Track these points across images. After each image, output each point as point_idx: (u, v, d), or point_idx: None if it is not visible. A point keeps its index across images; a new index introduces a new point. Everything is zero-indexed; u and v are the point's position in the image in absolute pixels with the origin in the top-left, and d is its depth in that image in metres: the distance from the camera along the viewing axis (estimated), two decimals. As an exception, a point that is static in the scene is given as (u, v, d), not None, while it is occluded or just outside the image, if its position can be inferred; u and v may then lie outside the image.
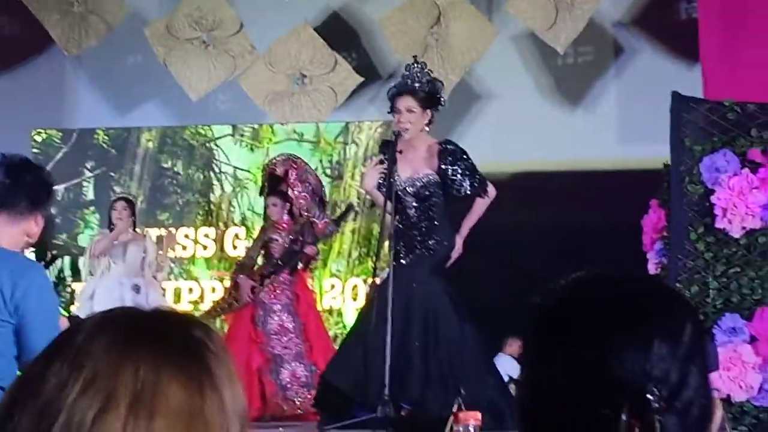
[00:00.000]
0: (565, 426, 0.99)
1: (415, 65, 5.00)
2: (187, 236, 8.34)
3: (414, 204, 4.95)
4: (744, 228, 4.88)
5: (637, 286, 1.07)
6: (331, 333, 7.08)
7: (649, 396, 0.95)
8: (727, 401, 4.69)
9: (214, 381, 0.83)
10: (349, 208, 6.20)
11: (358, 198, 8.04)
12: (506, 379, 5.18)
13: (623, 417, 0.95)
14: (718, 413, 1.03)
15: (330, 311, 7.80)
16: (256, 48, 8.00)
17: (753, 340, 4.79)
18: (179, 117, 8.65)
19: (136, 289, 6.93)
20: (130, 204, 7.28)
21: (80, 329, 0.84)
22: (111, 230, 7.15)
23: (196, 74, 8.02)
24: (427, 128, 4.98)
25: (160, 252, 7.39)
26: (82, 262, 7.79)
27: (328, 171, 8.21)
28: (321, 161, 8.16)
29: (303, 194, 6.41)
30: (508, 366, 6.42)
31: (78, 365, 0.80)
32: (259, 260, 6.50)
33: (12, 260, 2.67)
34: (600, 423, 0.96)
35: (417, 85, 4.91)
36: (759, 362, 4.75)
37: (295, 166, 6.51)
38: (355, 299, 7.95)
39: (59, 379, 0.80)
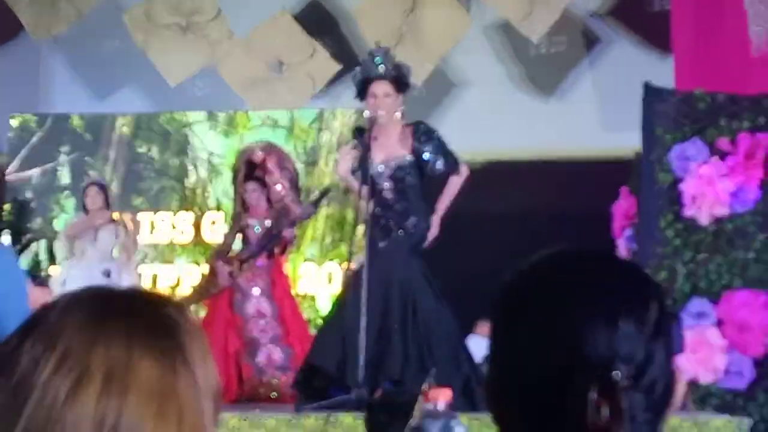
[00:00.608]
0: (533, 405, 1.00)
1: (379, 50, 4.99)
2: (164, 221, 8.37)
3: (390, 186, 4.97)
4: (712, 215, 4.99)
5: (602, 263, 1.07)
6: (305, 317, 7.12)
7: (615, 374, 0.96)
8: (694, 383, 4.80)
9: (187, 358, 0.83)
10: (327, 191, 6.22)
11: (332, 184, 8.09)
12: (477, 360, 5.26)
13: (591, 395, 0.95)
14: (680, 388, 1.08)
15: (304, 296, 7.86)
16: (234, 34, 8.01)
17: (719, 323, 4.91)
18: (156, 103, 8.63)
19: (106, 273, 6.81)
20: (103, 188, 7.25)
21: (53, 307, 0.84)
22: (84, 215, 7.08)
23: (173, 60, 8.02)
24: (399, 112, 5.00)
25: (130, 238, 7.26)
26: (58, 246, 7.77)
27: (303, 157, 8.24)
28: (295, 147, 8.19)
29: (281, 181, 6.45)
30: (478, 346, 6.54)
31: (51, 343, 0.80)
32: (236, 246, 6.53)
33: None
34: (567, 401, 0.96)
35: (384, 70, 4.90)
36: (725, 345, 4.87)
37: (275, 153, 6.54)
38: (329, 283, 8.01)
39: (32, 356, 0.80)
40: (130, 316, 0.83)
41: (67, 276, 6.91)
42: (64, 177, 8.58)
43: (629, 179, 5.52)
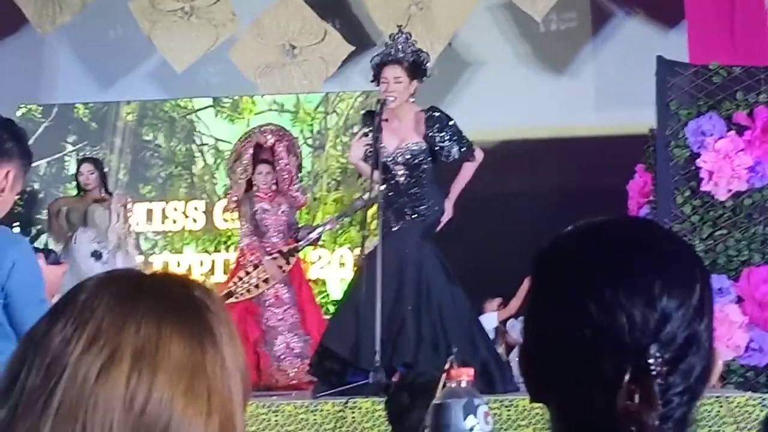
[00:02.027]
0: (564, 384, 0.97)
1: (400, 35, 5.00)
2: (176, 209, 8.33)
3: (404, 172, 4.97)
4: (730, 190, 4.93)
5: (642, 235, 1.00)
6: (317, 302, 7.08)
7: (650, 361, 0.92)
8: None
9: (215, 338, 0.84)
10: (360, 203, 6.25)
11: (339, 167, 8.06)
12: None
13: (625, 380, 0.92)
14: (719, 363, 1.00)
15: (316, 281, 7.82)
16: (236, 15, 7.95)
17: (740, 300, 4.86)
18: (166, 91, 8.60)
19: (97, 255, 6.28)
20: (98, 164, 6.75)
21: (83, 289, 0.85)
22: (81, 196, 6.63)
23: (179, 46, 7.97)
24: (412, 99, 5.00)
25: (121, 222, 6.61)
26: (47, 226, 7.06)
27: (309, 141, 8.19)
28: (302, 131, 8.14)
29: (288, 167, 6.40)
30: (488, 322, 6.54)
31: (82, 322, 0.82)
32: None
33: None
34: (599, 383, 0.93)
35: (402, 54, 4.91)
36: (745, 321, 4.82)
37: (286, 138, 6.49)
38: (341, 268, 7.97)
39: (64, 336, 0.82)
40: (159, 297, 0.85)
41: (60, 257, 6.57)
42: (71, 167, 8.54)
43: (644, 156, 5.46)
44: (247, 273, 6.18)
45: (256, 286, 6.14)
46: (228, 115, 8.41)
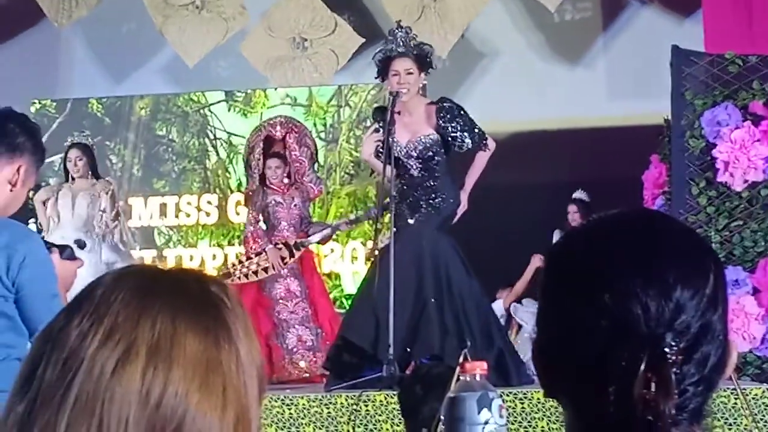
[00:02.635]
0: (579, 373, 0.97)
1: (400, 29, 4.99)
2: (189, 203, 8.33)
3: (417, 166, 4.97)
4: (746, 181, 4.89)
5: (656, 226, 1.01)
6: (330, 296, 7.07)
7: (666, 349, 0.93)
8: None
9: (230, 334, 0.85)
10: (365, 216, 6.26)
11: (352, 161, 8.04)
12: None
13: (641, 369, 0.92)
14: (734, 354, 1.00)
15: (329, 275, 7.82)
16: (246, 9, 7.95)
17: (756, 291, 4.82)
18: (179, 86, 8.60)
19: (80, 245, 5.91)
20: (86, 150, 6.49)
21: (100, 284, 0.87)
22: (69, 184, 6.42)
23: (190, 40, 7.98)
24: (421, 91, 5.00)
25: (107, 210, 6.35)
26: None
27: (323, 135, 8.18)
28: (315, 125, 8.14)
29: (300, 158, 6.38)
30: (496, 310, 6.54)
31: (98, 317, 0.83)
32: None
33: (7, 230, 2.61)
34: (615, 372, 0.94)
35: (404, 49, 4.90)
36: (762, 313, 4.79)
37: (296, 129, 6.47)
38: (353, 262, 7.97)
39: (80, 330, 0.83)
40: (175, 292, 0.85)
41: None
42: None
43: (659, 146, 5.41)
44: (249, 258, 6.18)
45: (255, 273, 6.12)
46: (241, 110, 8.42)
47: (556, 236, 6.36)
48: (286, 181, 6.32)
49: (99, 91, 8.62)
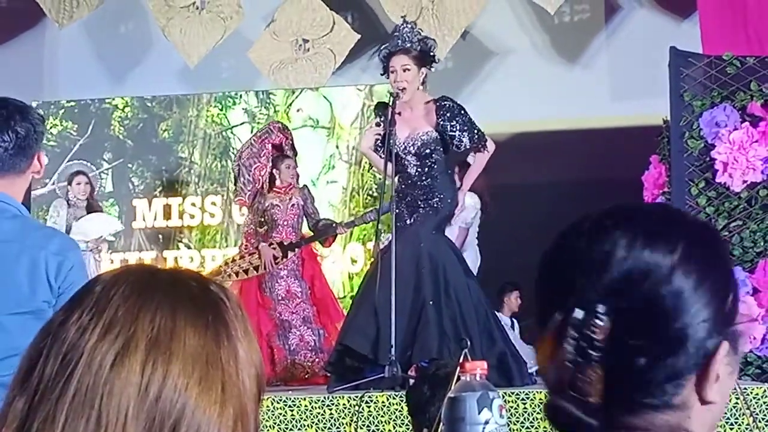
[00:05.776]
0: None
1: (405, 25, 4.97)
2: (194, 204, 8.34)
3: (415, 163, 4.94)
4: (745, 182, 4.90)
5: (657, 220, 0.97)
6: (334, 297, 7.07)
7: (599, 311, 0.91)
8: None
9: (230, 332, 0.86)
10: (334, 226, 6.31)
11: (375, 183, 7.99)
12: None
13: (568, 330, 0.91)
14: (724, 349, 0.94)
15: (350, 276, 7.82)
16: (242, 7, 7.96)
17: (756, 292, 4.83)
18: (180, 87, 8.61)
19: None
20: (87, 176, 7.00)
21: (99, 280, 0.87)
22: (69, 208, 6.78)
23: (191, 41, 7.99)
24: (421, 87, 4.96)
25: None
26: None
27: (345, 157, 8.12)
28: (338, 147, 8.09)
29: (293, 163, 6.43)
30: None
31: (98, 312, 0.84)
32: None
33: (57, 238, 2.68)
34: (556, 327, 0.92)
35: (409, 44, 4.89)
36: (762, 313, 4.80)
37: (289, 133, 6.52)
38: (353, 263, 7.97)
39: (80, 325, 0.83)
40: (175, 288, 0.86)
41: None
42: (107, 184, 8.51)
43: (658, 147, 5.43)
44: (242, 257, 6.22)
45: (245, 271, 6.17)
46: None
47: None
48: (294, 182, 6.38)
49: (99, 91, 8.62)
